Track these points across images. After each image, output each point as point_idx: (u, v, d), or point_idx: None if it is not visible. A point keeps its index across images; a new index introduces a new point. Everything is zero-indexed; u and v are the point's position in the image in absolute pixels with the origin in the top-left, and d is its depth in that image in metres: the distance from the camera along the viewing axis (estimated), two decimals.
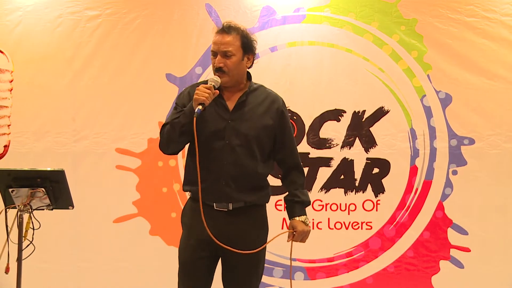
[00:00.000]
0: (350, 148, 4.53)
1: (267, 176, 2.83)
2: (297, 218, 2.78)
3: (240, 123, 2.71)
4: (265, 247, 2.79)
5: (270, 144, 2.80)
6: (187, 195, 2.87)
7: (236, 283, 2.78)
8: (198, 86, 2.66)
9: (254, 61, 2.81)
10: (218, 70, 2.68)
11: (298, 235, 2.76)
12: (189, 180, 2.78)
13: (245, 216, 2.73)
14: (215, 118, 2.69)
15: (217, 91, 2.65)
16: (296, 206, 2.81)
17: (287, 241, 2.78)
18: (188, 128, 2.60)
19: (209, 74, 4.50)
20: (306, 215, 2.81)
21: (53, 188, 2.93)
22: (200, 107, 2.56)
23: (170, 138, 2.69)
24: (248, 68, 2.81)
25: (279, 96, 2.86)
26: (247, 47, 2.74)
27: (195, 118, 2.55)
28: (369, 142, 4.53)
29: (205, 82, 2.72)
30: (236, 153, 2.69)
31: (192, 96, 2.64)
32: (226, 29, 2.71)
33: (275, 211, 4.45)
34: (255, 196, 2.76)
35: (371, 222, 4.51)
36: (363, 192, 4.52)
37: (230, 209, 2.70)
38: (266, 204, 2.87)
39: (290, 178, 2.86)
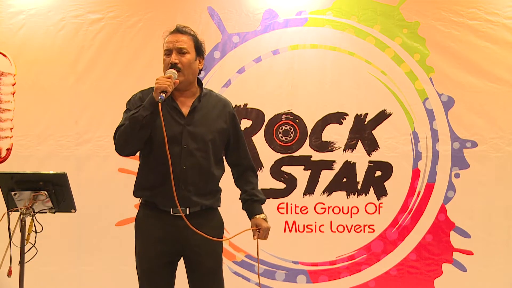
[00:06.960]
0: (352, 151, 4.53)
1: (220, 179, 2.86)
2: (259, 216, 2.84)
3: (196, 127, 2.73)
4: (222, 244, 2.83)
5: (222, 148, 2.85)
6: (140, 201, 2.82)
7: (202, 280, 2.77)
8: (148, 91, 2.71)
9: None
10: (173, 67, 2.68)
11: (263, 232, 2.82)
12: (143, 185, 2.76)
13: (202, 218, 2.73)
14: (170, 123, 2.67)
15: (177, 81, 2.65)
16: (256, 204, 2.87)
17: (254, 239, 2.83)
18: (149, 120, 2.58)
19: (211, 78, 4.50)
20: (264, 212, 2.87)
21: (56, 191, 2.94)
22: (163, 94, 2.54)
23: (129, 135, 2.64)
24: (199, 72, 2.83)
25: (228, 100, 2.91)
26: (199, 49, 2.78)
27: (160, 104, 2.52)
28: (371, 145, 4.52)
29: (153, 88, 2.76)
30: (194, 158, 2.70)
31: (145, 100, 2.65)
32: (180, 30, 2.75)
33: (277, 214, 4.45)
34: (211, 200, 2.79)
35: (373, 225, 4.50)
36: (366, 195, 4.51)
37: (187, 214, 2.69)
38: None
39: (245, 178, 2.92)
